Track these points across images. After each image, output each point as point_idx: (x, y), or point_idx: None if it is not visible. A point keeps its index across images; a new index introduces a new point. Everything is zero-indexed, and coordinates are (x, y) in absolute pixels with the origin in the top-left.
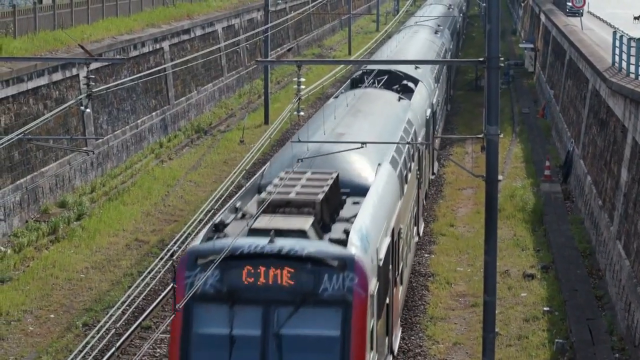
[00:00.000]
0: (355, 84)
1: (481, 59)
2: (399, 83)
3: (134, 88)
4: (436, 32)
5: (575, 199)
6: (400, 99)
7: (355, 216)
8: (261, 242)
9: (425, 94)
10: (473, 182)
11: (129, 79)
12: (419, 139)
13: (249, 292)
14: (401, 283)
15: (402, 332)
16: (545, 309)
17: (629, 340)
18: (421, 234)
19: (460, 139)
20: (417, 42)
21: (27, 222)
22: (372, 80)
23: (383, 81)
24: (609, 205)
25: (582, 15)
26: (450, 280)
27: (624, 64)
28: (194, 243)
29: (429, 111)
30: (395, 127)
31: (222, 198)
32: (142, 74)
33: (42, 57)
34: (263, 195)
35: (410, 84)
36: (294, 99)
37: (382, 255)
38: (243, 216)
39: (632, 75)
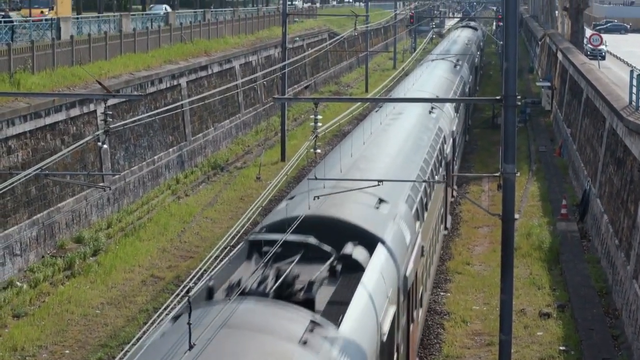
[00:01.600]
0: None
1: (498, 97)
2: (337, 249)
3: (151, 124)
4: (431, 111)
5: (592, 238)
6: (313, 328)
7: None
8: None
9: (389, 273)
10: (489, 220)
11: (146, 115)
12: None
13: None
14: None
15: None
16: (561, 348)
17: None
18: None
19: (476, 177)
20: (398, 135)
21: (43, 257)
22: (277, 251)
23: (301, 255)
24: (625, 244)
25: (604, 59)
26: (466, 319)
27: None
28: None
29: (392, 311)
30: None
31: (238, 235)
32: (159, 110)
33: (60, 93)
34: None
35: (360, 252)
36: (311, 137)
37: None
38: None
39: None
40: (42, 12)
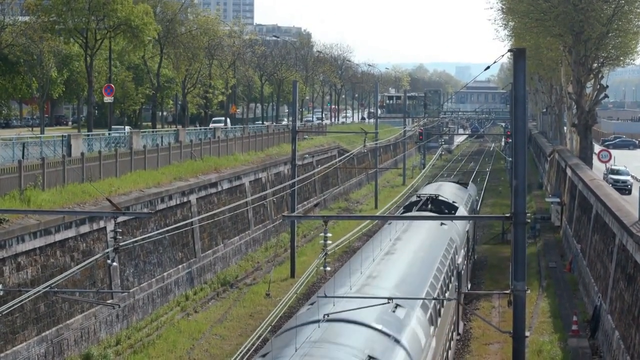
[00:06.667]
0: None
1: (507, 215)
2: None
3: (161, 241)
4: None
5: (604, 355)
6: None
7: None
8: None
9: None
10: (500, 336)
11: (155, 232)
12: None
13: None
14: None
15: None
16: None
17: None
18: None
19: (487, 294)
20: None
21: None
22: None
23: None
24: None
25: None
26: None
27: None
28: None
29: None
30: None
31: (249, 353)
32: (169, 227)
33: (69, 211)
34: None
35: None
36: (321, 254)
37: None
38: None
39: None
40: None
